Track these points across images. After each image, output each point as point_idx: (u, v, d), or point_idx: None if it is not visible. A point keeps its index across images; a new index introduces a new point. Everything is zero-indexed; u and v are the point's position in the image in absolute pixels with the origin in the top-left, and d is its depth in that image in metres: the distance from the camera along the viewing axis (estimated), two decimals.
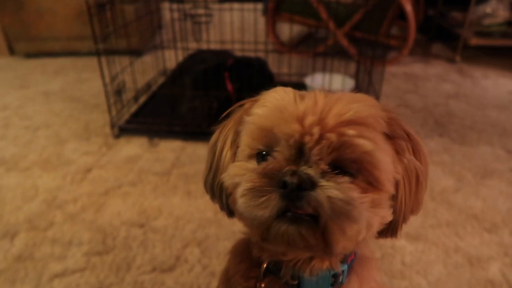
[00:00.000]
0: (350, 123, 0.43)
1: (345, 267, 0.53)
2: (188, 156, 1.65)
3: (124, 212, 1.33)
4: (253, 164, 0.47)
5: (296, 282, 0.53)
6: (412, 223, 1.26)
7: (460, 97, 2.23)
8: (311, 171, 0.42)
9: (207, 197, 0.53)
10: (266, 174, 0.43)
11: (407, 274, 1.09)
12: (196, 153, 1.67)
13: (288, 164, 0.43)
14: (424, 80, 2.47)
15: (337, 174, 0.43)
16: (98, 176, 1.52)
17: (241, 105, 0.54)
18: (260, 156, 0.47)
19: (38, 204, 1.37)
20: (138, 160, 1.62)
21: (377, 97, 1.71)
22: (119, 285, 1.06)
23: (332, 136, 0.42)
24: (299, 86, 2.12)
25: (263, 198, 0.42)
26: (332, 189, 0.41)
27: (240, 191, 0.44)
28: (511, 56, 2.86)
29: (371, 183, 0.45)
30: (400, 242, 1.19)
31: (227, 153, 0.52)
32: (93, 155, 1.65)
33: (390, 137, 0.47)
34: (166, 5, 2.75)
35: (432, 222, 1.27)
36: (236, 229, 0.41)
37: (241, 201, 0.44)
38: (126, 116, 1.89)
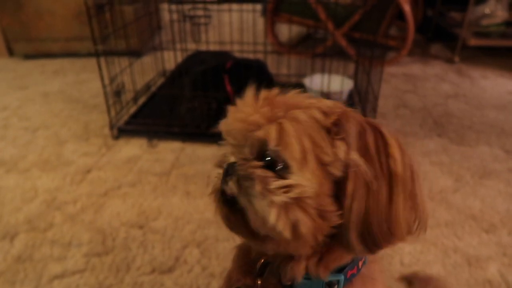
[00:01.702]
0: (265, 112, 0.47)
1: (341, 277, 0.52)
2: (187, 156, 1.65)
3: (123, 213, 1.33)
4: None
5: (290, 283, 0.53)
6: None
7: (458, 97, 2.24)
8: (235, 159, 0.49)
9: (206, 198, 0.55)
10: (219, 163, 0.52)
11: None
12: (195, 153, 1.67)
13: (231, 156, 0.51)
14: (423, 80, 2.48)
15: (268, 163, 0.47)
16: (97, 177, 1.52)
17: None
18: None
19: (37, 205, 1.37)
20: (137, 160, 1.62)
21: (376, 97, 1.72)
22: (118, 286, 1.06)
23: (238, 125, 0.48)
24: (298, 87, 2.13)
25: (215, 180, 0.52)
26: (241, 174, 0.47)
27: None
28: (510, 57, 2.87)
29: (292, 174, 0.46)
30: None
31: None
32: (93, 156, 1.65)
33: (327, 131, 0.46)
34: (165, 6, 2.75)
35: (431, 222, 1.28)
36: None
37: None
38: (125, 117, 1.89)
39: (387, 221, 0.45)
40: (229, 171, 0.48)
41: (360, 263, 0.54)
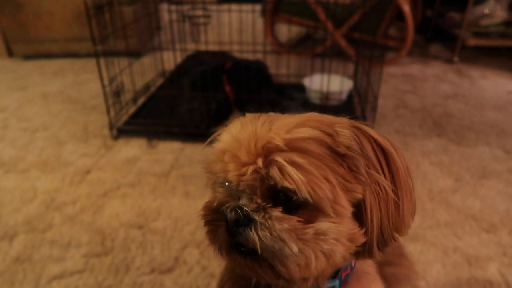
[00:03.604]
0: (273, 152, 0.42)
1: (337, 282, 0.52)
2: (187, 157, 1.65)
3: (123, 213, 1.33)
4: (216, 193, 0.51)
5: None
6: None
7: (458, 97, 2.24)
8: (247, 207, 0.43)
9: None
10: (214, 209, 0.47)
11: None
12: (194, 154, 1.67)
13: (231, 199, 0.46)
14: (422, 81, 2.48)
15: (277, 205, 0.43)
16: (96, 177, 1.52)
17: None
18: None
19: (36, 206, 1.36)
20: (136, 161, 1.62)
21: (376, 97, 1.72)
22: (118, 287, 1.06)
23: (249, 170, 0.42)
24: (298, 87, 2.12)
25: (215, 231, 0.47)
26: (264, 228, 0.42)
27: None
28: (509, 57, 2.87)
29: (319, 210, 0.43)
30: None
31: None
32: (92, 157, 1.65)
33: (342, 154, 0.44)
34: (164, 7, 2.76)
35: (431, 222, 1.28)
36: None
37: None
38: (124, 117, 1.88)
39: (395, 222, 0.47)
40: (240, 221, 0.43)
41: (354, 263, 0.55)
